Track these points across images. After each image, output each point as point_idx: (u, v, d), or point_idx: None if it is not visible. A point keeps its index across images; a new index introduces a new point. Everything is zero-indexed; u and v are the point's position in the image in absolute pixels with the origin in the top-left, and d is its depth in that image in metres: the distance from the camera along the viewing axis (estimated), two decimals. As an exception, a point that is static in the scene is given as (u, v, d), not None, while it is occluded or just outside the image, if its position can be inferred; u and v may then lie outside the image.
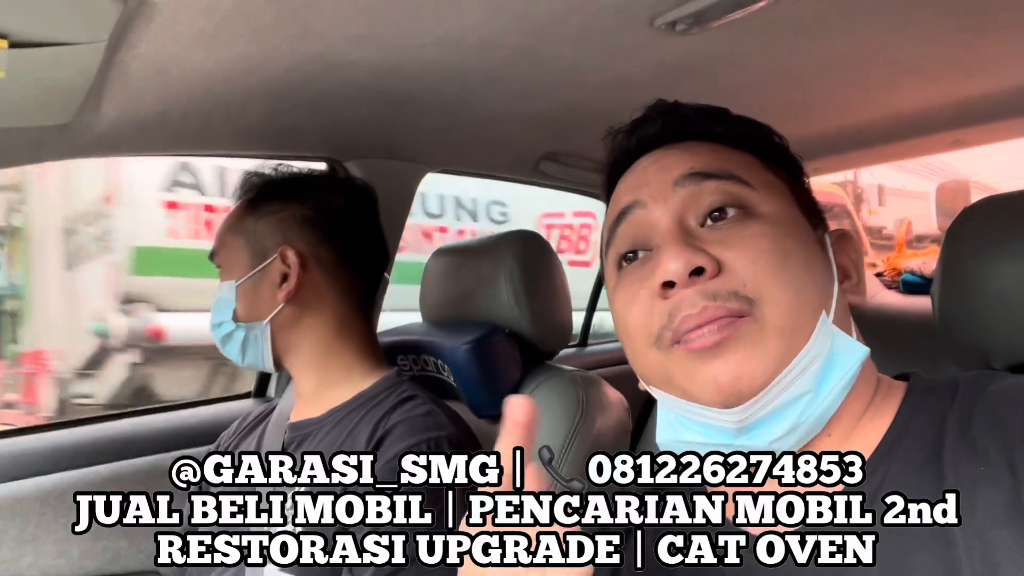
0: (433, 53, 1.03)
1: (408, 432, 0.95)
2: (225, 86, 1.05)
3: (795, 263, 0.57)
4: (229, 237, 1.10)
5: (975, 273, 0.77)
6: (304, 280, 1.06)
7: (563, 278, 1.27)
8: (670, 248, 0.57)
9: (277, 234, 1.07)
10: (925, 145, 1.73)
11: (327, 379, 1.08)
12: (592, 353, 2.37)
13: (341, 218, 1.12)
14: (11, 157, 1.08)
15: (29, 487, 1.27)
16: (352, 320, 1.11)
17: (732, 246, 0.58)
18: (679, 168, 0.62)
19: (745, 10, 0.95)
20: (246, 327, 1.07)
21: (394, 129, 1.36)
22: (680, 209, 0.61)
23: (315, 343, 1.08)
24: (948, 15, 1.03)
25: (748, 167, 0.63)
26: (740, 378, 0.54)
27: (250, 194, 1.12)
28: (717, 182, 0.61)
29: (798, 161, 0.69)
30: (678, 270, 0.56)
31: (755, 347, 0.55)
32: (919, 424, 0.56)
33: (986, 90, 1.35)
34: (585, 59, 1.10)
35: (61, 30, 0.74)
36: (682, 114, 0.68)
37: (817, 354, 0.55)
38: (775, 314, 0.55)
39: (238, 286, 1.07)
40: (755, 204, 0.60)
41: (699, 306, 0.55)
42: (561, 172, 1.73)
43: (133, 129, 1.11)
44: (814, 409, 0.55)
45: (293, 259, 1.05)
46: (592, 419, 1.10)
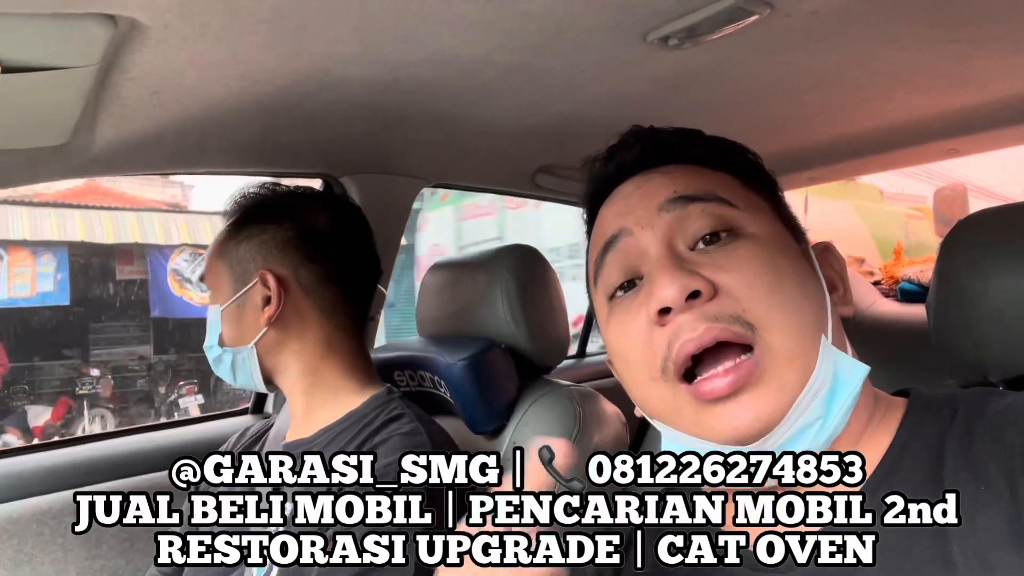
0: (427, 70, 1.03)
1: (386, 452, 0.95)
2: (219, 106, 1.05)
3: (789, 282, 0.57)
4: (214, 261, 1.10)
5: (971, 286, 0.76)
6: (286, 303, 1.05)
7: (560, 292, 1.27)
8: (663, 274, 0.57)
9: (258, 258, 1.07)
10: (919, 154, 1.74)
11: (316, 399, 1.07)
12: (590, 364, 2.36)
13: (324, 237, 1.10)
14: (7, 178, 1.08)
15: (26, 507, 1.26)
16: (339, 339, 1.09)
17: (725, 268, 0.57)
18: (663, 193, 0.62)
19: (737, 24, 0.95)
20: (233, 351, 1.07)
21: (390, 145, 1.36)
22: (668, 234, 0.61)
23: (302, 364, 1.07)
24: (940, 27, 1.03)
25: (730, 187, 0.63)
26: (758, 417, 0.54)
27: (233, 217, 1.12)
28: (703, 204, 0.60)
29: (773, 178, 0.69)
30: (674, 296, 0.55)
31: (770, 381, 0.54)
32: (919, 443, 0.56)
33: (979, 100, 1.35)
34: (579, 74, 1.10)
35: (53, 54, 0.74)
36: (660, 139, 0.67)
37: (824, 379, 0.55)
38: (780, 340, 0.55)
39: (223, 311, 1.07)
40: (742, 224, 0.60)
41: (699, 329, 0.55)
42: (557, 184, 1.74)
43: (128, 149, 1.12)
44: (824, 432, 0.55)
45: (273, 283, 1.05)
46: (589, 434, 1.10)
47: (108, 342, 8.57)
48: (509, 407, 1.16)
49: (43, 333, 9.00)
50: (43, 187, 9.74)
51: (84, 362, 8.85)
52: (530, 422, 1.12)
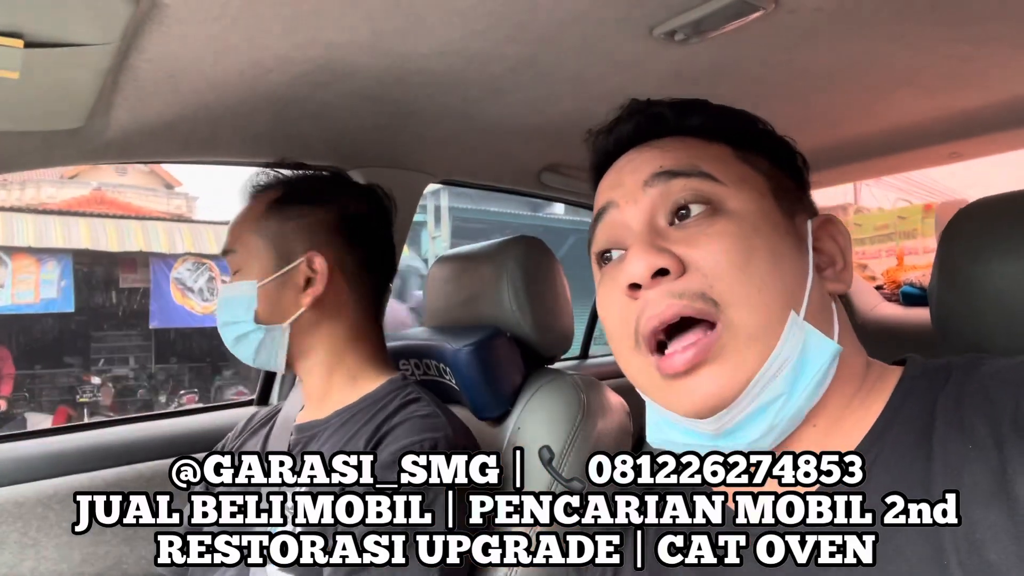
0: (437, 63, 1.05)
1: (406, 432, 0.96)
2: (233, 93, 1.06)
3: (760, 260, 0.58)
4: (250, 237, 1.09)
5: (972, 274, 0.77)
6: (328, 286, 1.07)
7: (564, 284, 1.28)
8: (634, 249, 0.59)
9: (304, 239, 1.08)
10: (921, 158, 1.75)
11: (335, 382, 1.09)
12: (593, 366, 2.37)
13: (364, 224, 1.13)
14: (21, 161, 1.09)
15: (31, 491, 1.27)
16: (366, 326, 1.12)
17: (696, 244, 0.59)
18: (649, 168, 0.64)
19: (742, 20, 0.96)
20: (266, 328, 1.06)
21: (398, 139, 1.37)
22: (650, 209, 0.62)
23: (329, 347, 1.09)
24: (943, 26, 1.04)
25: (719, 160, 0.64)
26: (713, 393, 0.56)
27: (273, 194, 1.12)
28: (685, 179, 0.62)
29: (786, 144, 0.69)
30: (640, 272, 0.58)
31: (727, 359, 0.56)
32: (911, 408, 0.57)
33: (982, 102, 1.36)
34: (586, 69, 1.12)
35: (74, 30, 0.76)
36: (654, 112, 0.69)
37: (787, 357, 0.56)
38: (742, 316, 0.56)
39: (260, 287, 1.06)
40: (722, 199, 0.61)
41: (662, 305, 0.57)
42: (563, 183, 1.75)
43: (142, 135, 1.13)
44: (788, 409, 0.56)
45: (323, 265, 1.06)
46: (593, 422, 1.10)
47: (110, 350, 8.58)
48: (514, 394, 1.16)
49: (45, 341, 9.02)
50: (49, 195, 9.82)
51: (85, 370, 8.86)
52: (535, 409, 1.13)
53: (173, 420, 1.55)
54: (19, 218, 8.18)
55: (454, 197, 10.07)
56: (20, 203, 8.77)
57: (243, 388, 9.12)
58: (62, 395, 8.65)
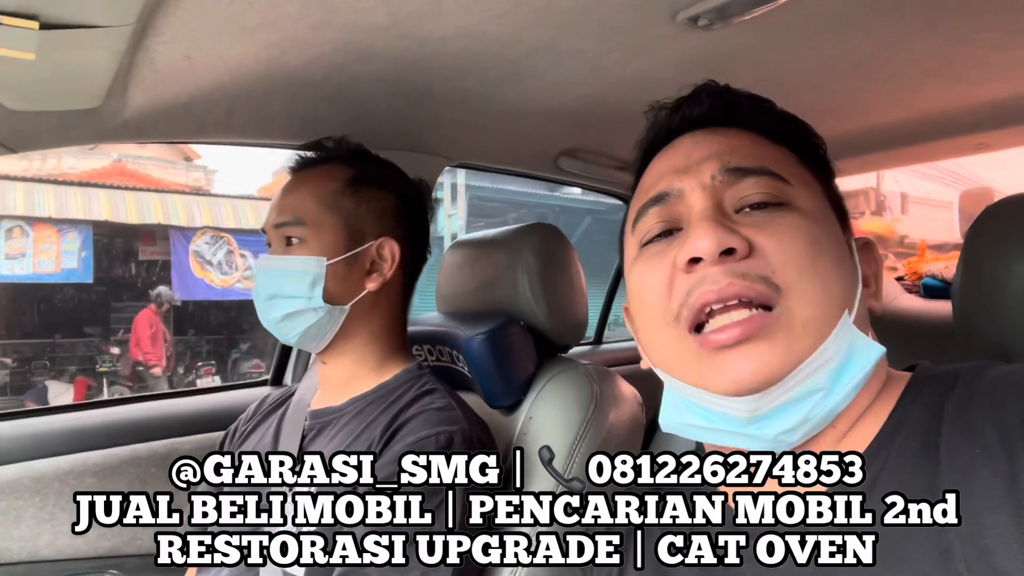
0: (454, 46, 1.03)
1: (422, 425, 0.95)
2: (249, 75, 1.06)
3: (826, 257, 0.58)
4: (322, 212, 1.05)
5: (997, 273, 0.76)
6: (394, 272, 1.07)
7: (580, 272, 1.27)
8: (703, 225, 0.58)
9: (377, 222, 1.07)
10: (948, 148, 1.72)
11: (361, 369, 1.08)
12: (607, 351, 2.36)
13: (417, 213, 1.14)
14: (37, 140, 1.09)
15: (49, 466, 1.29)
16: (400, 315, 1.13)
17: (766, 231, 0.58)
18: (718, 161, 0.62)
19: (768, 5, 0.94)
20: (327, 308, 1.02)
21: (414, 122, 1.36)
22: (717, 196, 0.61)
23: (371, 333, 1.08)
24: (973, 15, 1.02)
25: (786, 162, 0.64)
26: (759, 370, 0.54)
27: (348, 171, 1.09)
28: (756, 178, 0.61)
29: (829, 162, 0.69)
30: (708, 247, 0.56)
31: (777, 340, 0.55)
32: (918, 412, 0.57)
33: (1010, 93, 1.33)
34: (606, 54, 1.10)
35: (90, 12, 0.75)
36: (732, 100, 0.68)
37: (835, 352, 0.56)
38: (802, 306, 0.55)
39: (330, 264, 1.03)
40: (791, 198, 0.61)
41: (723, 282, 0.56)
42: (580, 168, 1.74)
43: (159, 115, 1.13)
44: (825, 405, 0.55)
45: (395, 250, 1.06)
46: (605, 413, 1.10)
47: (129, 321, 8.68)
48: (527, 383, 1.16)
49: (66, 310, 9.13)
50: (70, 166, 9.89)
51: (105, 340, 8.97)
52: (547, 398, 1.12)
53: (186, 399, 1.56)
54: (41, 188, 8.26)
55: (471, 175, 10.06)
56: (41, 173, 8.82)
57: (259, 361, 9.22)
58: (81, 364, 8.78)
